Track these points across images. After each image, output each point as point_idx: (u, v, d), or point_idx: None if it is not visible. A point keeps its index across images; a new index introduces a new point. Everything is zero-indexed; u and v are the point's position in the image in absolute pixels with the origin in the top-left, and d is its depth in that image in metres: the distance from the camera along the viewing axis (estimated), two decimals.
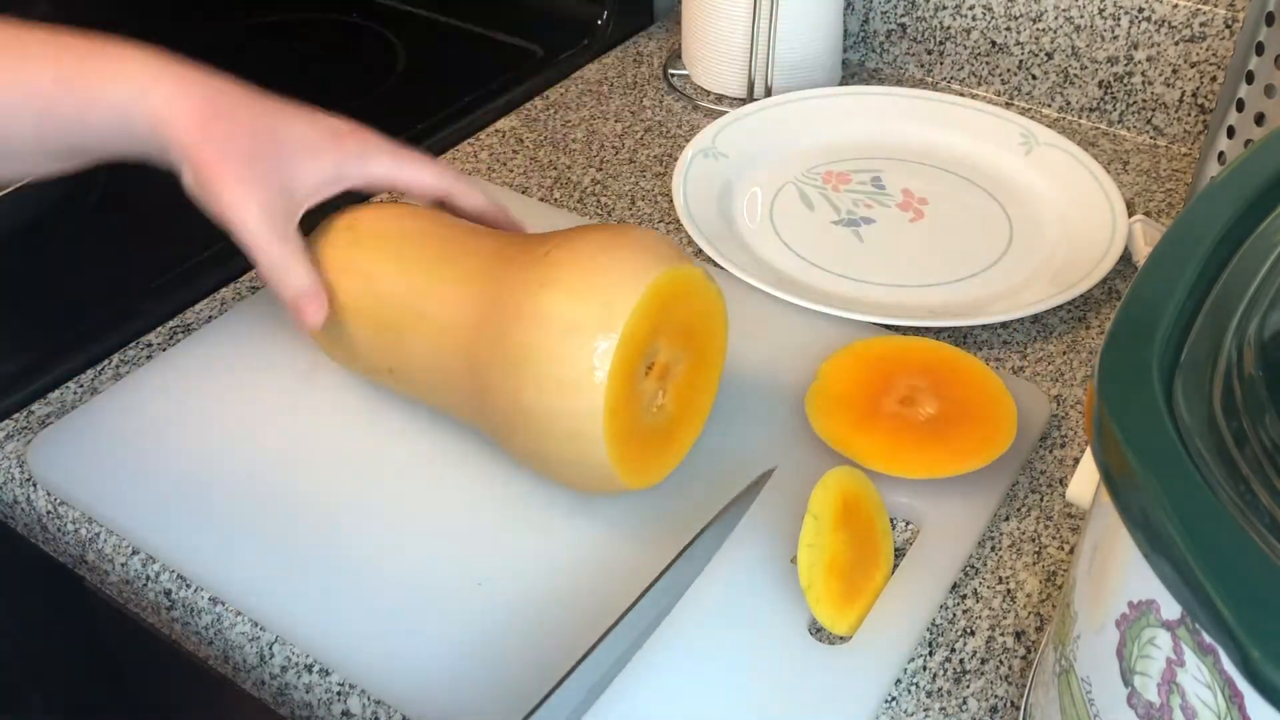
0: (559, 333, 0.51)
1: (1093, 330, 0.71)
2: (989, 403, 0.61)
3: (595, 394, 0.50)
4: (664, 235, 0.60)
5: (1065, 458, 0.62)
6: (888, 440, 0.59)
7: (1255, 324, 0.36)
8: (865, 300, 0.72)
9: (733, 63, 0.91)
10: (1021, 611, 0.54)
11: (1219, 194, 0.41)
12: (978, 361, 0.63)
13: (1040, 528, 0.58)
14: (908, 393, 0.61)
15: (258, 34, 1.07)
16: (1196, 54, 0.84)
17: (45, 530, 0.61)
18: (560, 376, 0.51)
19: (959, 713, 0.50)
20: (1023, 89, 0.93)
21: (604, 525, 0.57)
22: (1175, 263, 0.38)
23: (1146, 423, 0.33)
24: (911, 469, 0.58)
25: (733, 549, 0.55)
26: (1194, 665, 0.31)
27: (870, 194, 0.82)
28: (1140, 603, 0.34)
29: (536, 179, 0.84)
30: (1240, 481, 0.32)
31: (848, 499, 0.54)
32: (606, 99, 0.94)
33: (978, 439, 0.59)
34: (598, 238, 0.54)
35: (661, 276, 0.52)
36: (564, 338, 0.51)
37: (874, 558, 0.55)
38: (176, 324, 0.71)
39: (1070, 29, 0.88)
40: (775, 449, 0.61)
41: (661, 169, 0.85)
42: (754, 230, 0.78)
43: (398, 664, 0.51)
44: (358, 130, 0.60)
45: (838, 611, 0.52)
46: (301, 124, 0.58)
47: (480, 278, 0.55)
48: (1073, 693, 0.40)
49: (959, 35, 0.93)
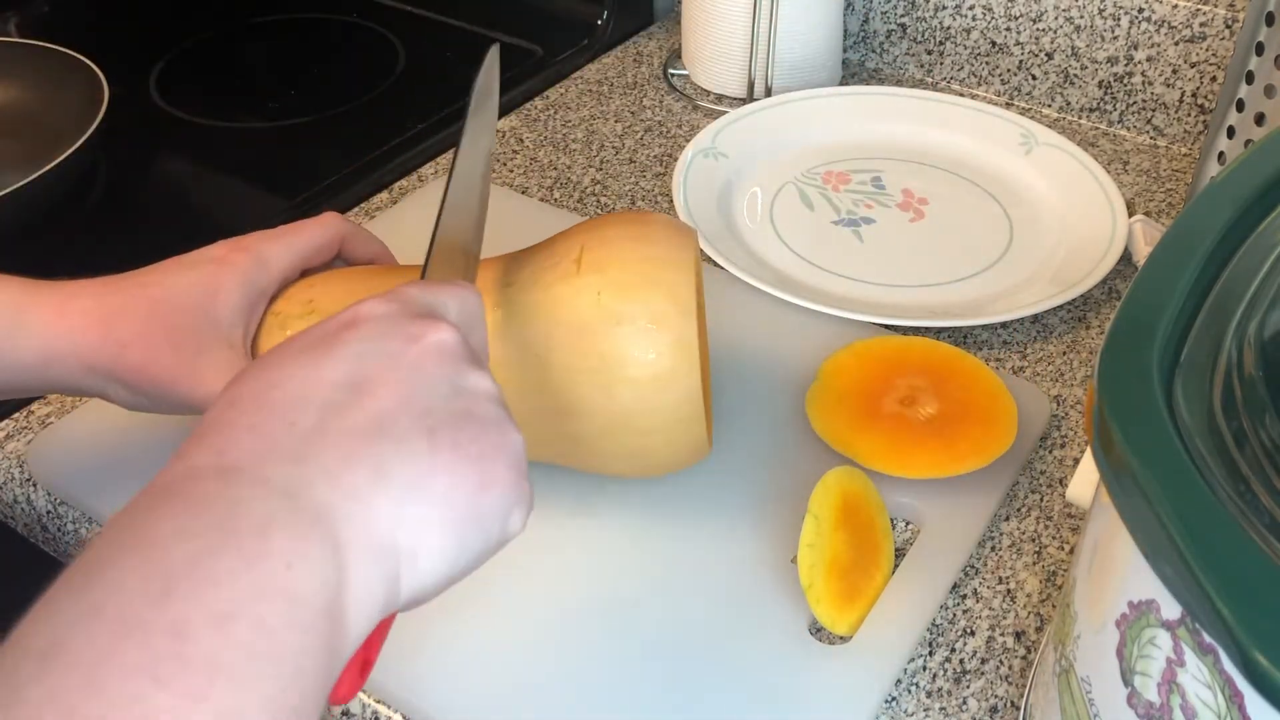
0: (640, 331, 0.51)
1: (1093, 330, 0.71)
2: (989, 403, 0.61)
3: (693, 376, 0.51)
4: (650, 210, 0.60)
5: (1065, 458, 0.62)
6: (888, 440, 0.59)
7: (1255, 324, 0.36)
8: (865, 300, 0.72)
9: (733, 63, 0.91)
10: (1021, 611, 0.54)
11: (1219, 194, 0.41)
12: (978, 361, 0.63)
13: (1040, 528, 0.58)
14: (908, 393, 0.61)
15: (258, 34, 1.07)
16: (1196, 54, 0.84)
17: (45, 530, 0.61)
18: (657, 372, 0.51)
19: (959, 713, 0.50)
20: (1023, 89, 0.93)
21: (605, 523, 0.57)
22: (1175, 263, 0.38)
23: (1146, 423, 0.33)
24: (912, 469, 0.58)
25: (733, 549, 0.55)
26: (1194, 665, 0.31)
27: (870, 194, 0.82)
28: (1140, 603, 0.34)
29: (536, 179, 0.84)
30: (1240, 481, 0.32)
31: (848, 499, 0.54)
32: (606, 99, 0.94)
33: (978, 439, 0.59)
34: (620, 230, 0.54)
35: (696, 251, 0.53)
36: (647, 334, 0.51)
37: (874, 558, 0.55)
38: None
39: (1070, 29, 0.88)
40: (775, 448, 0.61)
41: (661, 169, 0.85)
42: (754, 230, 0.78)
43: (396, 665, 0.51)
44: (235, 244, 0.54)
45: (838, 611, 0.52)
46: (182, 276, 0.52)
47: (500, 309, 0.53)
48: (1073, 693, 0.40)
49: (959, 35, 0.93)
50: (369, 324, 0.38)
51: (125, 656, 0.28)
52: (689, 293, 0.51)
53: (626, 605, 0.53)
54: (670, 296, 0.51)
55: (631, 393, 0.51)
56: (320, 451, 0.34)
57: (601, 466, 0.55)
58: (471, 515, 0.37)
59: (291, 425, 0.35)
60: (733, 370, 0.65)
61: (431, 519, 0.35)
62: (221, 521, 0.31)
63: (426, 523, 0.35)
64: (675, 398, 0.51)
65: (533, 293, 0.52)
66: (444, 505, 0.36)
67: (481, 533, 0.37)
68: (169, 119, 0.94)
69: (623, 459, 0.54)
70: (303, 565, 0.31)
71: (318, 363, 0.36)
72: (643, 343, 0.50)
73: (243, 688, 0.29)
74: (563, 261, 0.53)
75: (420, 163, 0.86)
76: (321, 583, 0.32)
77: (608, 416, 0.52)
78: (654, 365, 0.51)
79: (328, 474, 0.34)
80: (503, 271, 0.54)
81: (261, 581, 0.30)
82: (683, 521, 0.57)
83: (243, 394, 0.36)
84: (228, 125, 0.94)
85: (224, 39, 1.06)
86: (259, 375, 0.36)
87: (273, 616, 0.30)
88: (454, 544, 0.36)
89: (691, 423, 0.52)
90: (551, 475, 0.56)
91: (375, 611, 0.34)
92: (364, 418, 0.35)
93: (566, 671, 0.51)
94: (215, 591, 0.30)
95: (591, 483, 0.58)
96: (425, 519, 0.35)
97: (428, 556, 0.35)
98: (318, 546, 0.32)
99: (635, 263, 0.52)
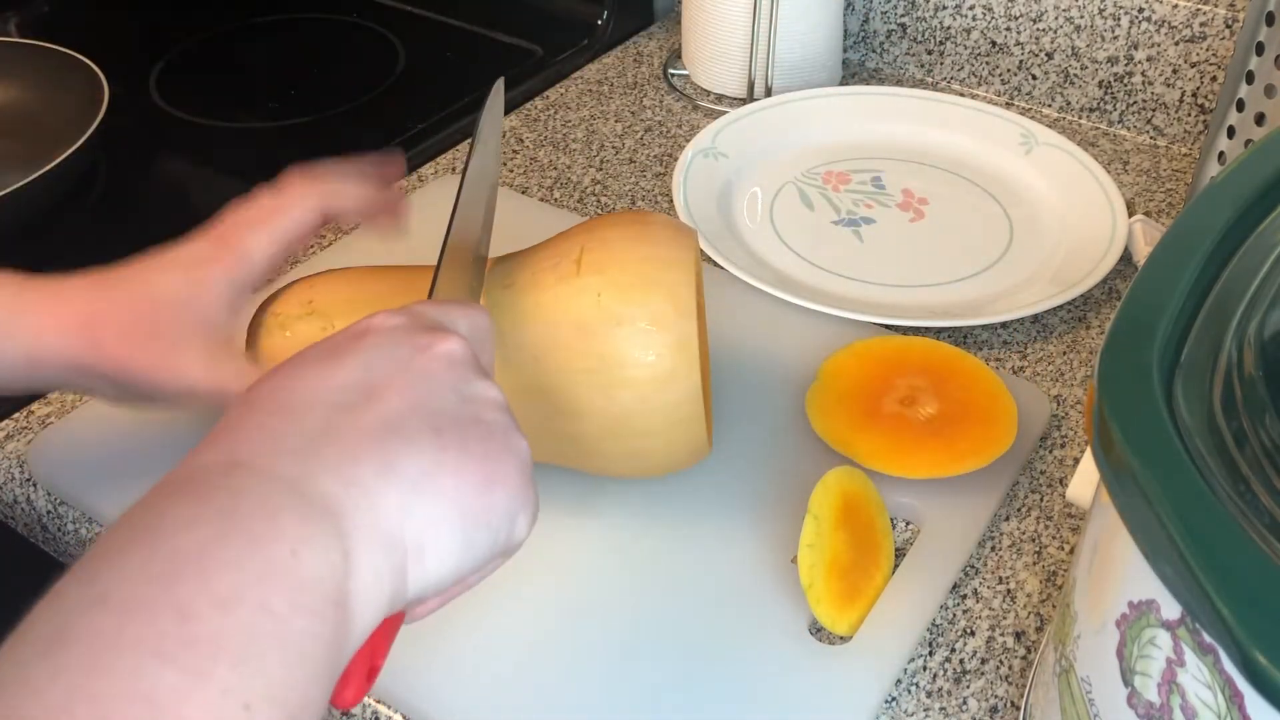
0: (640, 332, 0.51)
1: (1093, 330, 0.71)
2: (989, 403, 0.61)
3: (693, 377, 0.51)
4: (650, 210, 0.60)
5: (1065, 458, 0.62)
6: (888, 440, 0.59)
7: (1255, 324, 0.36)
8: (865, 300, 0.72)
9: (733, 63, 0.91)
10: (1021, 611, 0.54)
11: (1219, 194, 0.41)
12: (978, 361, 0.63)
13: (1040, 528, 0.58)
14: (908, 393, 0.61)
15: (258, 34, 1.07)
16: (1196, 54, 0.84)
17: (45, 530, 0.61)
18: (656, 373, 0.51)
19: (959, 713, 0.50)
20: (1023, 89, 0.93)
21: (604, 523, 0.57)
22: (1175, 263, 0.38)
23: (1146, 423, 0.33)
24: (912, 469, 0.58)
25: (733, 549, 0.55)
26: (1194, 665, 0.31)
27: (870, 194, 0.82)
28: (1140, 603, 0.34)
29: (536, 179, 0.84)
30: (1240, 481, 0.32)
31: (848, 499, 0.54)
32: (606, 99, 0.94)
33: (978, 439, 0.59)
34: (620, 231, 0.53)
35: (696, 251, 0.53)
36: (646, 335, 0.51)
37: (874, 558, 0.54)
38: None
39: (1070, 29, 0.88)
40: (775, 448, 0.61)
41: (661, 169, 0.85)
42: (754, 230, 0.78)
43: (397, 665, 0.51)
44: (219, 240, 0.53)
45: (838, 611, 0.52)
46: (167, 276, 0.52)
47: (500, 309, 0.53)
48: (1073, 693, 0.40)
49: (959, 35, 0.93)
50: (380, 334, 0.39)
51: (130, 636, 0.28)
52: (689, 293, 0.51)
53: (626, 605, 0.53)
54: (670, 297, 0.51)
55: (631, 394, 0.51)
56: (328, 447, 0.35)
57: (602, 467, 0.55)
58: (478, 514, 0.37)
59: (300, 424, 0.35)
60: (733, 370, 0.65)
61: (437, 515, 0.36)
62: (228, 509, 0.32)
63: (432, 519, 0.35)
64: (675, 398, 0.51)
65: (532, 294, 0.52)
66: (450, 502, 0.36)
67: (488, 533, 0.37)
68: (169, 119, 0.94)
69: (623, 460, 0.54)
70: (308, 551, 0.32)
71: (328, 368, 0.37)
72: (642, 344, 0.50)
73: (247, 668, 0.29)
74: (562, 262, 0.53)
75: (420, 163, 0.86)
76: (328, 568, 0.32)
77: (608, 418, 0.52)
78: (653, 367, 0.51)
79: (335, 468, 0.34)
80: (502, 273, 0.54)
81: (267, 566, 0.31)
82: (682, 521, 0.57)
83: (254, 398, 0.37)
84: (228, 125, 0.94)
85: (224, 39, 1.06)
86: (271, 381, 0.37)
87: (278, 600, 0.30)
88: (460, 542, 0.36)
89: (691, 423, 0.52)
90: (551, 475, 0.56)
91: (382, 603, 0.34)
92: (372, 417, 0.36)
93: (566, 671, 0.51)
94: (221, 575, 0.30)
95: (591, 482, 0.58)
96: (431, 515, 0.35)
97: (434, 552, 0.36)
98: (324, 534, 0.32)
99: (635, 263, 0.52)
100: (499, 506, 0.38)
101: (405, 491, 0.35)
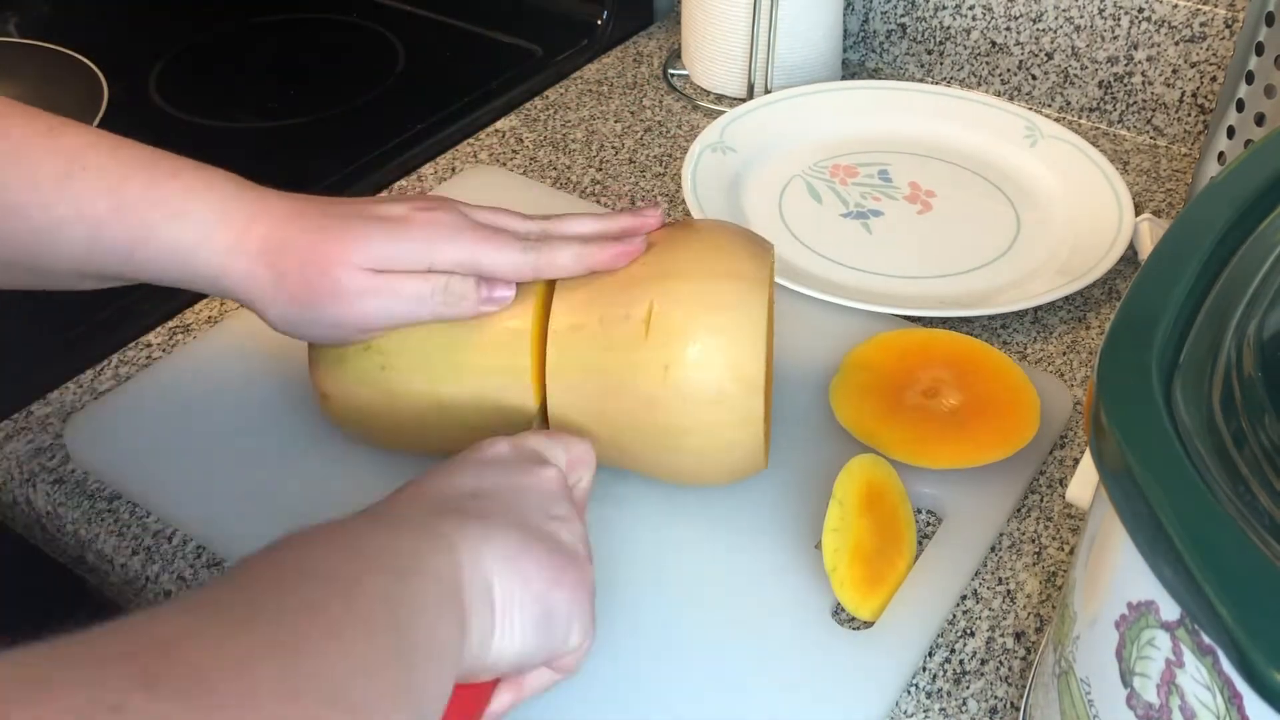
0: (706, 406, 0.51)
1: (1093, 330, 0.71)
2: (1012, 395, 0.61)
3: (755, 442, 0.53)
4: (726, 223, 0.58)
5: (1065, 458, 0.62)
6: (912, 431, 0.59)
7: (1255, 324, 0.36)
8: (874, 291, 0.72)
9: (733, 63, 0.91)
10: (1021, 612, 0.54)
11: (1219, 194, 0.41)
12: (1001, 354, 0.63)
13: (1040, 528, 0.58)
14: (931, 384, 0.61)
15: (258, 34, 1.07)
16: (1196, 54, 0.84)
17: (45, 530, 0.61)
18: (719, 444, 0.52)
19: (959, 713, 0.50)
20: (1023, 89, 0.92)
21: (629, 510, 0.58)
22: (1175, 263, 0.38)
23: (1146, 423, 0.33)
24: (935, 459, 0.58)
25: (757, 535, 0.56)
26: (1193, 666, 0.31)
27: (878, 186, 0.82)
28: (1139, 604, 0.34)
29: (536, 179, 0.84)
30: (1239, 482, 0.32)
31: (872, 485, 0.55)
32: (606, 99, 0.94)
33: (1001, 431, 0.59)
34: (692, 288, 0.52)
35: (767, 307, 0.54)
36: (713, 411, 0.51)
37: (898, 545, 0.55)
38: (176, 324, 0.71)
39: (1070, 29, 0.88)
40: (799, 437, 0.61)
41: (661, 169, 0.85)
42: (764, 224, 0.78)
43: None
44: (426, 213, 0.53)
45: (862, 596, 0.52)
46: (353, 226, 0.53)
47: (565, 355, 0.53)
48: (1072, 694, 0.40)
49: (959, 35, 0.93)
50: (494, 460, 0.48)
51: None
52: (757, 368, 0.51)
53: (651, 589, 0.54)
54: (737, 376, 0.51)
55: (694, 458, 0.53)
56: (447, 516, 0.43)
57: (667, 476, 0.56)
58: (546, 604, 0.43)
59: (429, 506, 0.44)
60: None
61: (518, 591, 0.42)
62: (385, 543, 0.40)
63: (513, 593, 0.42)
64: (736, 459, 0.53)
65: (597, 350, 0.52)
66: (527, 584, 0.43)
67: (549, 630, 0.43)
68: (169, 119, 0.94)
69: (683, 473, 0.55)
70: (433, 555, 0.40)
71: (453, 478, 0.46)
72: (708, 420, 0.51)
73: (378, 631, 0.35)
74: (631, 318, 0.52)
75: (420, 163, 0.86)
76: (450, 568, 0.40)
77: (669, 469, 0.54)
78: (717, 438, 0.52)
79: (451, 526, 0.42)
80: (568, 309, 0.53)
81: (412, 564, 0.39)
82: (707, 507, 0.57)
83: (399, 496, 0.45)
84: (228, 125, 0.94)
85: (224, 39, 1.06)
86: (414, 483, 0.46)
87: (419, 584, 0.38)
88: (531, 623, 0.42)
89: (749, 471, 0.55)
90: None
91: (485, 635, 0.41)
92: (475, 507, 0.44)
93: (592, 652, 0.51)
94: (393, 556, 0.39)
95: (615, 470, 0.58)
96: (512, 588, 0.42)
97: (510, 628, 0.42)
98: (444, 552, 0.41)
99: (704, 334, 0.51)
100: (562, 607, 0.44)
101: (497, 558, 0.42)
